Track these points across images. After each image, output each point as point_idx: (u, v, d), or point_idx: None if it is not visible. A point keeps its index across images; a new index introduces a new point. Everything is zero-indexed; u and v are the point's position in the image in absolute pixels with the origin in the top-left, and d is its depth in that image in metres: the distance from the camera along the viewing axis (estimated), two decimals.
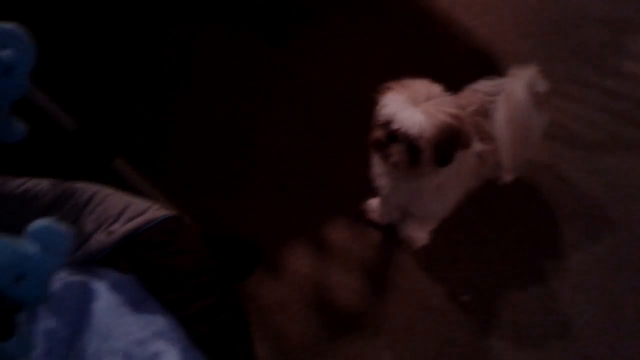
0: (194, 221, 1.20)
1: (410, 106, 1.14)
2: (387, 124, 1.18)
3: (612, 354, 1.39)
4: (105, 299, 0.79)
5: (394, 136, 1.17)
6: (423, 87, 1.17)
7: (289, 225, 1.52)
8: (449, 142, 1.14)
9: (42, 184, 0.91)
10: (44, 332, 0.77)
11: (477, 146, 1.27)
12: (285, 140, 1.70)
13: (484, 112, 1.29)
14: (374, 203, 1.54)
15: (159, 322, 0.79)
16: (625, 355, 1.39)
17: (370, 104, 1.24)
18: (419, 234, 1.49)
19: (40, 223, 0.52)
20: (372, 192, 1.46)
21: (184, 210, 1.19)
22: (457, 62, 1.85)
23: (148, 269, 0.91)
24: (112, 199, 0.96)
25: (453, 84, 1.20)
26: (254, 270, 1.42)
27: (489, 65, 1.82)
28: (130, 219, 0.95)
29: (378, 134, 1.21)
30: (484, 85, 1.34)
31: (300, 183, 1.61)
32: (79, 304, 0.78)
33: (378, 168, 1.37)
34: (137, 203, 0.97)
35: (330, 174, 1.64)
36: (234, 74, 1.80)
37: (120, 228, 0.94)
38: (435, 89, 1.18)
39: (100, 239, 0.93)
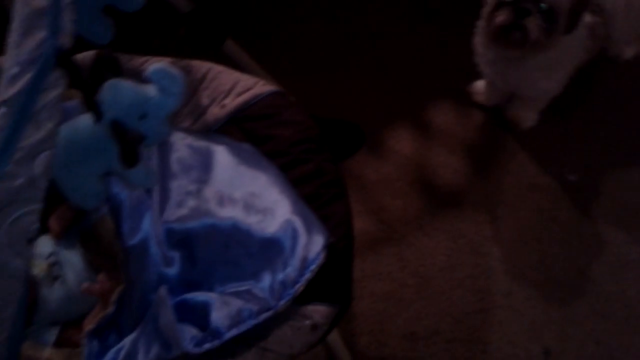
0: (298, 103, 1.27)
1: None
2: (512, 2, 1.13)
3: None
4: (225, 158, 0.91)
5: (526, 11, 1.13)
6: None
7: (392, 108, 1.55)
8: (580, 4, 1.11)
9: (163, 61, 1.02)
10: (176, 188, 0.91)
11: (587, 17, 1.19)
12: (390, 24, 1.69)
13: None
14: (480, 85, 1.51)
15: (272, 178, 0.89)
16: None
17: None
18: (528, 114, 1.46)
19: (155, 66, 0.60)
20: (479, 74, 1.43)
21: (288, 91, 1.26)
22: None
23: (255, 139, 1.01)
24: (224, 75, 1.05)
25: None
26: (357, 151, 1.49)
27: None
28: (240, 94, 1.04)
29: (501, 17, 1.16)
30: None
31: (404, 67, 1.61)
32: (204, 161, 0.90)
33: (482, 57, 1.34)
34: (246, 79, 1.06)
35: (435, 58, 1.62)
36: None
37: (232, 102, 1.04)
38: None
39: (215, 112, 1.04)
